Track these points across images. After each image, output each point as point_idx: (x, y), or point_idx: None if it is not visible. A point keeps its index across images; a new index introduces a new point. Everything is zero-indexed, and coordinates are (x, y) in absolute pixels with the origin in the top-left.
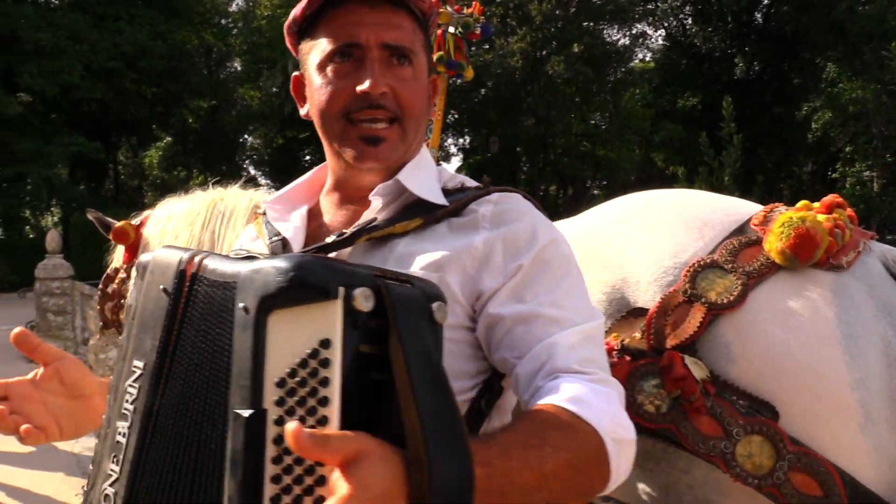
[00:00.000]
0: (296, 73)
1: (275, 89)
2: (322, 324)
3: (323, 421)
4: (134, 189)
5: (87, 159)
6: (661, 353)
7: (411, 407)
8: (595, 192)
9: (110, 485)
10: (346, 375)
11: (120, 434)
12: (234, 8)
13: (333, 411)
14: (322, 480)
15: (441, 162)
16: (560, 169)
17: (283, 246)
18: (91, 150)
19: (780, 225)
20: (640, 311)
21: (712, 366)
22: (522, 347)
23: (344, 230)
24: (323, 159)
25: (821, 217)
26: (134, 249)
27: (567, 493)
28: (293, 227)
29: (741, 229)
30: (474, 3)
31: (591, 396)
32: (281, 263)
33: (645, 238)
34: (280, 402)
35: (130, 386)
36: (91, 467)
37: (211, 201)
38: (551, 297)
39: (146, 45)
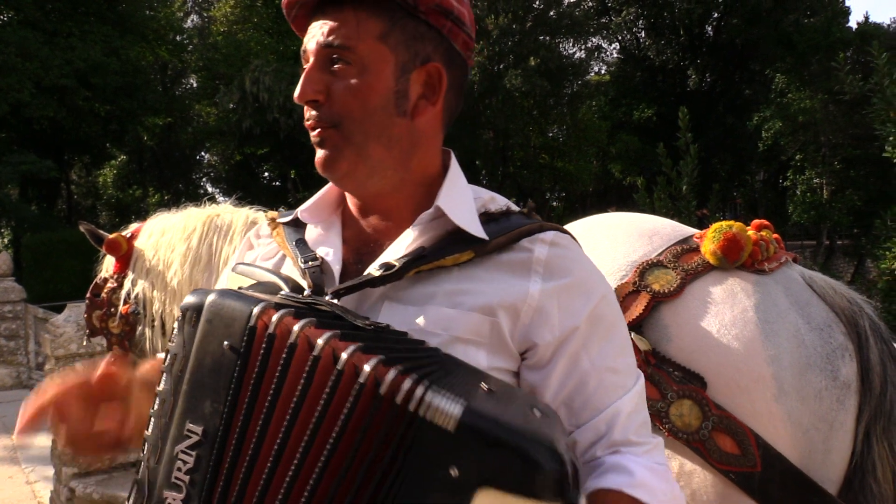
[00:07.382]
0: None
1: (231, 105)
2: None
3: None
4: (88, 208)
5: (39, 178)
6: None
7: None
8: (554, 203)
9: None
10: None
11: None
12: (189, 24)
13: None
14: None
15: None
16: (519, 181)
17: (321, 272)
18: (42, 168)
19: (713, 231)
20: None
21: (654, 343)
22: (580, 416)
23: (391, 262)
24: (281, 175)
25: (749, 231)
26: (125, 260)
27: None
28: (331, 249)
29: (685, 240)
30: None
31: (653, 481)
32: (527, 446)
33: (606, 245)
34: None
35: (184, 452)
36: None
37: (207, 217)
38: (606, 361)
39: (99, 62)
